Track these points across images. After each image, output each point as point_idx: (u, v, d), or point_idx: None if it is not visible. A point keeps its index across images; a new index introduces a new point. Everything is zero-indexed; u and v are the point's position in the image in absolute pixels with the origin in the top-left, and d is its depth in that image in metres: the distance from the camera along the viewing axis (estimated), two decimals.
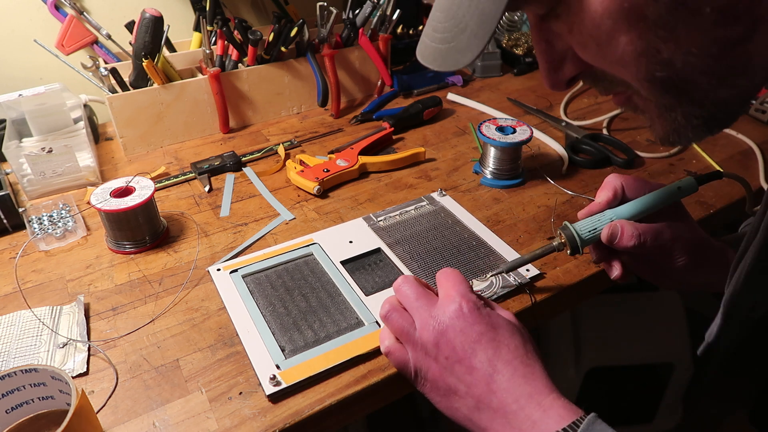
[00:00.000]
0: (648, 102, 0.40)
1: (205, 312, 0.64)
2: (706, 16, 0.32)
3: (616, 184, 0.61)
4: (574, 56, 0.40)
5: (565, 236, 0.59)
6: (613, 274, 0.61)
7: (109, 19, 1.03)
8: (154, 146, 0.97)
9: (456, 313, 0.51)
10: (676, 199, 0.61)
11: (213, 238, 0.76)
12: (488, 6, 0.36)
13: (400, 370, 0.55)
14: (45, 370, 0.50)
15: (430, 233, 0.75)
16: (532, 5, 0.38)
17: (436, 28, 0.40)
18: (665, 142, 0.42)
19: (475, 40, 0.38)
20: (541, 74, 0.43)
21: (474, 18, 0.37)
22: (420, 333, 0.52)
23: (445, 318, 0.51)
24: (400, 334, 0.54)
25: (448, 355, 0.50)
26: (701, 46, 0.34)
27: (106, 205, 0.69)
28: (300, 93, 1.07)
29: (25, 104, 0.90)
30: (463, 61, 0.39)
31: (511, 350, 0.50)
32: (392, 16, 1.08)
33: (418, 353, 0.52)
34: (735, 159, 0.91)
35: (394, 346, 0.55)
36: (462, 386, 0.49)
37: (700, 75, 0.35)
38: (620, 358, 1.17)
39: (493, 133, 0.84)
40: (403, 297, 0.55)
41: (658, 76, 0.36)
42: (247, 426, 0.52)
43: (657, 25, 0.33)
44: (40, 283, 0.69)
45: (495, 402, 0.48)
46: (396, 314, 0.54)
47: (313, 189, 0.83)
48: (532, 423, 0.46)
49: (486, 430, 0.48)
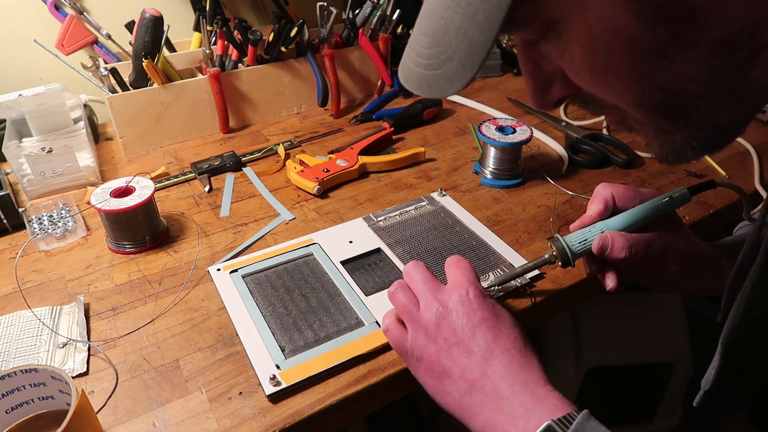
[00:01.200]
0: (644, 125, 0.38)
1: (205, 312, 0.64)
2: (705, 47, 0.31)
3: (607, 195, 0.61)
4: (563, 78, 0.37)
5: (556, 249, 0.59)
6: (608, 286, 0.60)
7: (109, 19, 1.03)
8: (154, 146, 0.97)
9: (461, 297, 0.52)
10: (668, 210, 0.60)
11: (213, 238, 0.76)
12: (477, 35, 0.34)
13: (396, 349, 0.56)
14: (45, 370, 0.50)
15: (430, 233, 0.75)
16: (523, 32, 0.36)
17: (421, 53, 0.37)
18: (663, 161, 0.40)
19: (464, 69, 0.35)
20: (528, 94, 0.40)
21: (462, 47, 0.34)
22: (423, 313, 0.53)
23: (449, 301, 0.52)
24: (403, 313, 0.54)
25: (447, 336, 0.50)
26: (700, 74, 0.32)
27: (106, 205, 0.69)
28: (300, 93, 1.07)
29: (25, 104, 0.90)
30: (451, 90, 0.36)
31: (510, 339, 0.50)
32: (392, 16, 1.08)
33: (418, 333, 0.53)
34: (735, 159, 0.91)
35: (394, 324, 0.55)
36: (457, 369, 0.49)
37: (699, 100, 0.34)
38: (620, 358, 1.17)
39: (493, 133, 0.84)
40: (410, 280, 0.56)
41: (655, 102, 0.35)
42: (247, 426, 0.52)
43: (654, 54, 0.32)
44: (40, 283, 0.69)
45: (489, 386, 0.48)
46: (402, 293, 0.55)
47: (313, 189, 0.83)
48: (525, 410, 0.46)
49: (476, 416, 0.48)
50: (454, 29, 0.35)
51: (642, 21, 0.30)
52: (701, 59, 0.32)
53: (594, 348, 1.15)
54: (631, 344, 1.17)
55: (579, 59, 0.34)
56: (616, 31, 0.31)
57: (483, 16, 0.33)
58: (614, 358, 1.17)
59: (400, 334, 0.54)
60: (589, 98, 0.39)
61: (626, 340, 1.17)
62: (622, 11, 0.30)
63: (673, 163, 0.40)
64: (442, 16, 0.35)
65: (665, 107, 0.35)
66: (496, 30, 0.33)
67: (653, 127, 0.38)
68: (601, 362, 1.15)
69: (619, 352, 1.16)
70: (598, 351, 1.15)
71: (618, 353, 1.16)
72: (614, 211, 0.61)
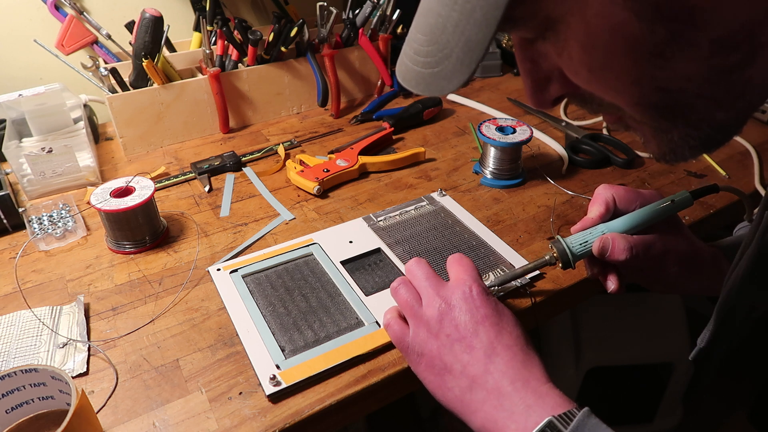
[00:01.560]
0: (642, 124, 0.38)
1: (205, 312, 0.64)
2: (704, 46, 0.31)
3: (608, 197, 0.61)
4: (561, 76, 0.37)
5: (557, 250, 0.59)
6: (610, 288, 0.60)
7: (109, 19, 1.03)
8: (154, 146, 0.97)
9: (464, 294, 0.52)
10: (670, 213, 0.60)
11: (213, 238, 0.76)
12: (474, 33, 0.34)
13: (397, 345, 0.56)
14: (45, 370, 0.50)
15: (430, 233, 0.75)
16: (520, 30, 0.36)
17: (418, 51, 0.38)
18: (661, 160, 0.40)
19: (462, 67, 0.35)
20: (526, 93, 0.41)
21: (459, 45, 0.34)
22: (425, 309, 0.53)
23: (452, 298, 0.52)
24: (405, 308, 0.55)
25: (449, 333, 0.51)
26: (698, 73, 0.32)
27: (106, 205, 0.69)
28: (300, 93, 1.07)
29: (25, 104, 0.90)
30: (449, 88, 0.37)
31: (513, 337, 0.50)
32: (392, 16, 1.08)
33: (420, 329, 0.53)
34: (735, 159, 0.91)
35: (395, 320, 0.55)
36: (458, 365, 0.50)
37: (697, 99, 0.34)
38: (620, 358, 1.17)
39: (493, 133, 0.84)
40: (413, 276, 0.56)
41: (653, 101, 0.35)
42: (247, 426, 0.52)
43: (653, 54, 0.32)
44: (40, 283, 0.69)
45: (490, 383, 0.48)
46: (404, 288, 0.55)
47: (313, 189, 0.83)
48: (526, 406, 0.46)
49: (476, 413, 0.48)
50: (451, 27, 0.35)
51: (641, 20, 0.30)
52: (700, 58, 0.31)
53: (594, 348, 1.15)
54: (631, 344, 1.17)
55: (577, 58, 0.34)
56: (615, 30, 0.31)
57: (481, 13, 0.33)
58: (614, 358, 1.17)
59: (402, 329, 0.54)
60: (587, 97, 0.39)
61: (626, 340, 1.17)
62: (621, 10, 0.30)
63: (671, 162, 0.40)
64: (439, 14, 0.35)
65: (663, 106, 0.35)
66: (493, 28, 0.33)
67: (651, 126, 0.38)
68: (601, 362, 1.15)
69: (619, 352, 1.16)
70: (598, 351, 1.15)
71: (618, 353, 1.16)
72: (615, 213, 0.61)
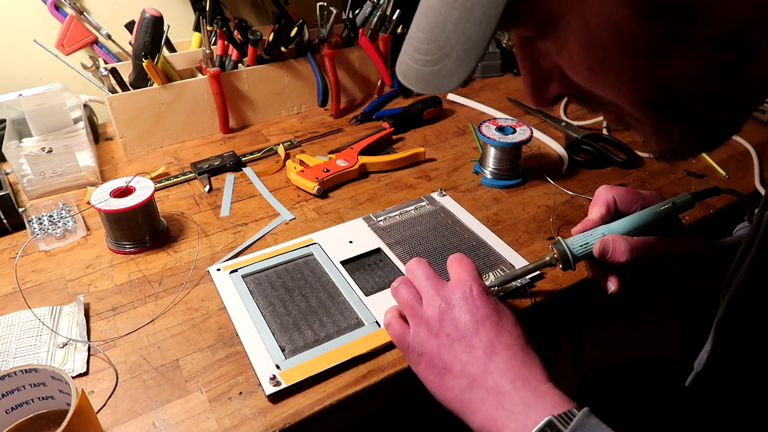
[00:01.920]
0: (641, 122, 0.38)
1: (205, 312, 0.64)
2: (703, 44, 0.31)
3: (608, 198, 0.61)
4: (561, 75, 0.37)
5: (557, 251, 0.59)
6: (610, 289, 0.60)
7: (109, 19, 1.03)
8: (154, 146, 0.97)
9: (464, 294, 0.52)
10: (671, 215, 0.60)
11: (213, 238, 0.76)
12: (474, 31, 0.34)
13: (397, 344, 0.56)
14: (45, 370, 0.50)
15: (430, 233, 0.75)
16: (520, 28, 0.36)
17: (418, 49, 0.38)
18: (661, 159, 0.40)
19: (462, 64, 0.35)
20: (525, 91, 0.41)
21: (459, 42, 0.35)
22: (425, 308, 0.53)
23: (452, 297, 0.52)
24: (406, 308, 0.55)
25: (449, 332, 0.51)
26: (698, 71, 0.32)
27: (106, 205, 0.69)
28: (300, 93, 1.07)
29: (25, 104, 0.90)
30: (449, 86, 0.37)
31: (513, 337, 0.50)
32: (392, 16, 1.08)
33: (420, 328, 0.53)
34: (735, 159, 0.91)
35: (395, 319, 0.56)
36: (458, 365, 0.50)
37: (696, 97, 0.34)
38: (620, 358, 1.17)
39: (493, 133, 0.84)
40: (413, 276, 0.56)
41: (652, 99, 0.35)
42: (247, 426, 0.52)
43: (652, 52, 0.32)
44: (40, 283, 0.69)
45: (490, 382, 0.48)
46: (404, 288, 0.55)
47: (313, 189, 0.83)
48: (525, 406, 0.46)
49: (476, 412, 0.48)
50: (451, 25, 0.35)
51: (640, 18, 0.30)
52: (699, 56, 0.31)
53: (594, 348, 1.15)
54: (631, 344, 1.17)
55: (576, 56, 0.34)
56: (614, 28, 0.31)
57: (481, 11, 0.33)
58: (614, 358, 1.16)
59: (402, 328, 0.55)
60: (587, 95, 0.38)
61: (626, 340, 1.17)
62: (621, 8, 0.30)
63: (671, 161, 0.40)
64: (439, 12, 0.35)
65: (662, 104, 0.35)
66: (493, 26, 0.33)
67: (650, 124, 0.38)
68: (601, 362, 1.15)
69: (619, 352, 1.16)
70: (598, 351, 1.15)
71: (618, 353, 1.16)
72: (616, 215, 0.61)
